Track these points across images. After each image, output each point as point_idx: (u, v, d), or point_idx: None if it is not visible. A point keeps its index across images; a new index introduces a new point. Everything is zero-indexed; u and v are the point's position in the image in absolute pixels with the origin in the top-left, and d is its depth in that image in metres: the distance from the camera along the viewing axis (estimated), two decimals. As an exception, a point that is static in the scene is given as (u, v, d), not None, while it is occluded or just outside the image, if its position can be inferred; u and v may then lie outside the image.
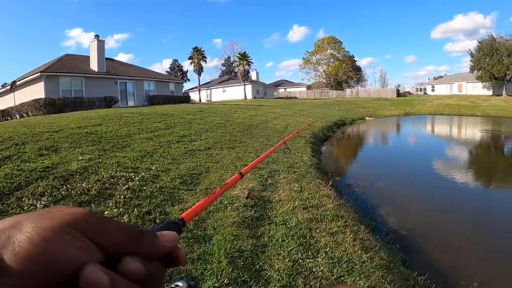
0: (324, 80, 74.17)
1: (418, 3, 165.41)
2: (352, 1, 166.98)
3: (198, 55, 46.11)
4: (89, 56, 30.35)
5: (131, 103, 31.67)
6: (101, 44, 30.30)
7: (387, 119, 33.47)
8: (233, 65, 65.36)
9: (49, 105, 21.75)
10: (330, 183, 7.76)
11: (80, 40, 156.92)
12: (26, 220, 0.34)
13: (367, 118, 32.22)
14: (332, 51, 73.07)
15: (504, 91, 52.51)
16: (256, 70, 61.61)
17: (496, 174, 11.16)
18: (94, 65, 29.60)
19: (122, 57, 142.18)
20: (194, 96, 54.79)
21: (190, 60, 47.03)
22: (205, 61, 47.34)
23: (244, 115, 20.17)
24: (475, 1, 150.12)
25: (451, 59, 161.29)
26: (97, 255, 0.36)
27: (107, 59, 33.69)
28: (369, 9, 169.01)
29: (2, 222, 0.34)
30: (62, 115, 14.85)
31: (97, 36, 30.28)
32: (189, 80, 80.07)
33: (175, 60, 78.43)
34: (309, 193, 6.53)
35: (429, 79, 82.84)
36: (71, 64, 28.42)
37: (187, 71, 77.39)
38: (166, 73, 62.15)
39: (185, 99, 37.00)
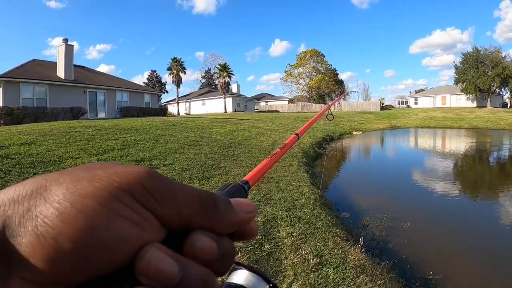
0: (306, 94, 72.22)
1: (397, 18, 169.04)
2: (333, 17, 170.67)
3: (177, 66, 43.34)
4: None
5: (101, 115, 28.64)
6: (69, 49, 27.36)
7: (374, 133, 31.64)
8: (214, 77, 62.63)
9: (6, 115, 19.00)
10: (359, 242, 4.98)
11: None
12: (55, 183, 0.25)
13: (354, 132, 30.34)
14: (314, 64, 71.40)
15: (488, 103, 52.34)
16: (237, 82, 59.34)
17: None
18: (61, 72, 26.50)
19: (103, 68, 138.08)
20: (172, 109, 52.09)
21: (169, 71, 44.19)
22: (185, 72, 44.69)
23: (224, 130, 17.33)
24: (453, 17, 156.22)
25: (429, 73, 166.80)
26: (160, 231, 0.27)
27: (77, 66, 30.64)
28: (350, 25, 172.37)
29: (21, 186, 0.25)
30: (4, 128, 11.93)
31: (65, 40, 27.28)
32: (167, 92, 76.90)
33: (153, 71, 75.40)
34: (335, 270, 3.78)
35: (410, 92, 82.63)
36: (35, 70, 25.30)
37: (166, 82, 74.44)
38: (144, 85, 59.23)
39: (161, 111, 34.07)
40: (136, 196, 0.25)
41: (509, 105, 58.65)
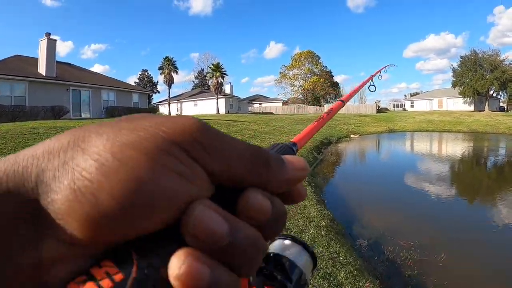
0: (300, 96, 70.40)
1: (392, 23, 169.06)
2: (328, 21, 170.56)
3: (169, 66, 41.37)
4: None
5: (85, 114, 26.75)
6: (51, 44, 25.35)
7: (373, 136, 29.97)
8: (207, 77, 60.80)
9: (-22, 115, 17.09)
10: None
11: (57, 48, 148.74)
12: (94, 134, 0.22)
13: (352, 135, 28.52)
14: (309, 65, 69.43)
15: (486, 107, 51.41)
16: (230, 83, 57.60)
17: None
18: (42, 68, 24.48)
19: (98, 68, 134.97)
20: (163, 109, 50.63)
21: (161, 71, 42.24)
22: (177, 72, 42.77)
23: (213, 133, 15.20)
24: (447, 21, 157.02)
25: (423, 77, 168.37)
26: (208, 187, 0.24)
27: (62, 63, 28.69)
28: (345, 29, 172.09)
29: (56, 139, 0.22)
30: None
31: (47, 34, 25.17)
32: (159, 92, 74.77)
33: (145, 70, 72.96)
34: None
35: (405, 95, 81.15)
36: (15, 66, 23.32)
37: (157, 82, 72.29)
38: (134, 84, 57.19)
39: (151, 112, 31.99)
40: (185, 147, 0.23)
41: (506, 109, 57.83)
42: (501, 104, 61.93)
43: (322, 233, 4.97)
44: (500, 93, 54.04)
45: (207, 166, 0.23)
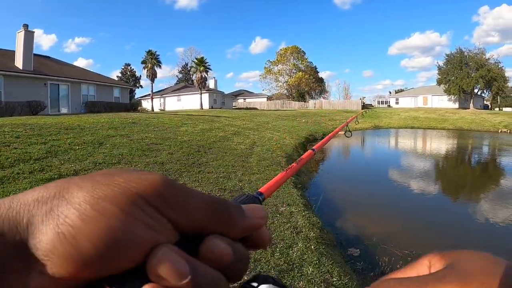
0: (285, 91, 69.80)
1: (378, 20, 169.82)
2: (314, 17, 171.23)
3: (152, 60, 40.01)
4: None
5: (64, 110, 25.61)
6: (29, 36, 24.04)
7: (358, 132, 29.40)
8: (190, 72, 59.55)
9: None
10: None
11: (40, 41, 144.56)
12: (76, 187, 0.26)
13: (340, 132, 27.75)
14: (295, 61, 68.86)
15: (471, 105, 51.88)
16: (214, 78, 56.51)
17: None
18: (19, 62, 23.29)
19: (81, 62, 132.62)
20: (147, 104, 49.25)
21: (144, 65, 40.87)
22: (160, 66, 41.42)
23: (195, 129, 14.60)
24: (433, 20, 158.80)
25: (407, 74, 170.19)
26: (172, 235, 0.27)
27: (41, 56, 27.49)
28: (331, 25, 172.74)
29: (44, 188, 0.26)
30: None
31: (25, 26, 23.87)
32: (141, 87, 73.16)
33: (128, 64, 70.82)
34: None
35: (390, 92, 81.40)
36: (-9, 59, 21.94)
37: (140, 77, 70.58)
38: (117, 79, 55.70)
39: (132, 107, 31.02)
40: (151, 202, 0.26)
41: (490, 107, 58.32)
42: (485, 102, 62.53)
43: (312, 247, 4.31)
44: (485, 91, 54.66)
45: (170, 217, 0.27)
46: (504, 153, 16.92)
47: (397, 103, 67.23)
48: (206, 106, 46.07)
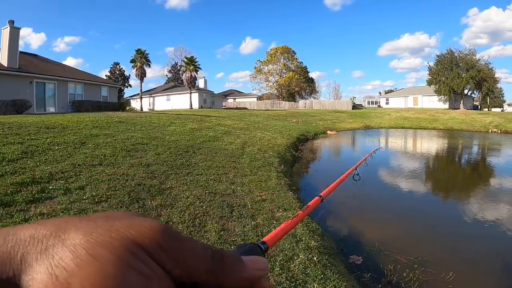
0: (275, 91, 69.37)
1: (368, 21, 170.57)
2: (305, 18, 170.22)
3: (141, 58, 39.26)
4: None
5: (50, 109, 24.78)
6: (14, 33, 23.15)
7: (349, 132, 29.35)
8: (180, 71, 58.57)
9: None
10: None
11: (29, 40, 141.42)
12: (73, 229, 0.26)
13: (328, 131, 27.72)
14: (285, 61, 68.14)
15: (461, 105, 52.38)
16: (204, 77, 55.77)
17: None
18: (3, 59, 22.32)
19: (71, 61, 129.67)
20: (136, 104, 48.40)
21: (133, 64, 39.99)
22: (149, 65, 40.64)
23: (183, 128, 14.00)
24: (422, 22, 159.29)
25: (397, 75, 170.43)
26: (167, 284, 0.27)
27: (26, 53, 26.59)
28: (321, 26, 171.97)
29: (42, 226, 0.27)
30: None
31: (11, 22, 23.03)
32: (130, 86, 71.79)
33: (116, 63, 68.51)
34: None
35: (380, 93, 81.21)
36: (-26, 56, 21.19)
37: (129, 76, 69.38)
38: (106, 78, 54.67)
39: (120, 106, 30.30)
40: (148, 250, 0.26)
41: (479, 107, 58.70)
42: (475, 102, 62.90)
43: (315, 258, 3.84)
44: (475, 92, 54.88)
45: (166, 267, 0.27)
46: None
47: (387, 103, 67.14)
48: (195, 105, 45.35)
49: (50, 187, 4.83)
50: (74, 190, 4.86)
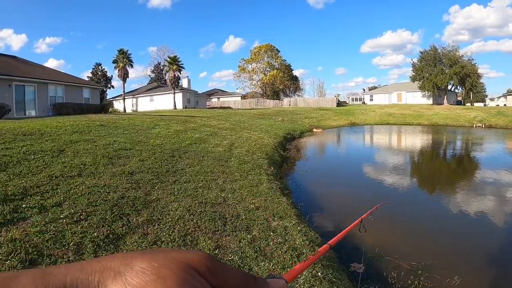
0: (259, 90, 68.90)
1: (350, 19, 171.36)
2: (288, 16, 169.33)
3: (123, 59, 38.34)
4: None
5: (31, 112, 23.84)
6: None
7: (336, 130, 29.30)
8: (163, 71, 57.46)
9: None
10: None
11: (10, 42, 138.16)
12: (140, 258, 0.34)
13: (314, 129, 27.50)
14: (269, 59, 67.39)
15: (445, 100, 52.86)
16: (187, 77, 55.16)
17: None
18: (-19, 62, 21.56)
19: (52, 63, 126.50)
20: (119, 105, 47.50)
21: (115, 64, 39.00)
22: (132, 65, 39.72)
23: (168, 131, 13.45)
24: (404, 19, 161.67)
25: (379, 72, 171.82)
26: None
27: (4, 55, 25.96)
28: (304, 24, 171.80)
29: (111, 258, 0.34)
30: None
31: (-11, 24, 22.24)
32: (113, 87, 70.54)
33: (98, 64, 66.92)
34: None
35: (364, 89, 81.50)
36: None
37: (112, 77, 68.01)
38: (87, 79, 53.51)
39: (103, 108, 29.47)
40: (198, 270, 0.35)
41: (462, 102, 59.55)
42: (458, 98, 63.68)
43: (319, 274, 3.48)
44: (458, 87, 55.61)
45: (212, 282, 0.35)
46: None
47: (371, 100, 67.48)
48: (179, 106, 44.73)
49: (24, 205, 4.30)
50: (51, 208, 4.35)
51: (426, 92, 54.83)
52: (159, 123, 15.56)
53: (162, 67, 65.48)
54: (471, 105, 58.21)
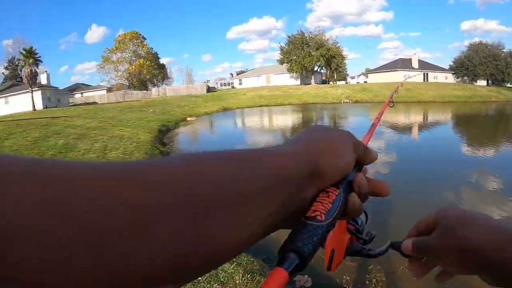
0: (126, 81, 65.18)
1: (215, 6, 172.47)
2: (152, 1, 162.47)
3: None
4: None
5: None
6: None
7: (209, 117, 29.03)
8: (19, 66, 49.97)
9: None
10: None
11: None
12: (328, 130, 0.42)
13: (188, 118, 26.76)
14: (134, 48, 64.19)
15: (312, 80, 57.46)
16: (46, 71, 48.55)
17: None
18: None
19: None
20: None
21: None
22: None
23: (25, 140, 11.45)
24: (269, 6, 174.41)
25: (245, 56, 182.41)
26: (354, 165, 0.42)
27: None
28: (170, 10, 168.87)
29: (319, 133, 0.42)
30: None
31: None
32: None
33: None
34: None
35: (231, 74, 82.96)
36: None
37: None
38: None
39: None
40: (354, 146, 0.41)
41: (327, 82, 65.66)
42: (323, 78, 69.16)
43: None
44: (324, 68, 61.24)
45: (358, 153, 0.41)
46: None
47: (240, 84, 68.52)
48: (39, 106, 39.37)
49: None
50: None
51: (294, 73, 58.38)
52: (15, 131, 13.36)
53: (17, 62, 56.87)
54: (335, 83, 63.80)
